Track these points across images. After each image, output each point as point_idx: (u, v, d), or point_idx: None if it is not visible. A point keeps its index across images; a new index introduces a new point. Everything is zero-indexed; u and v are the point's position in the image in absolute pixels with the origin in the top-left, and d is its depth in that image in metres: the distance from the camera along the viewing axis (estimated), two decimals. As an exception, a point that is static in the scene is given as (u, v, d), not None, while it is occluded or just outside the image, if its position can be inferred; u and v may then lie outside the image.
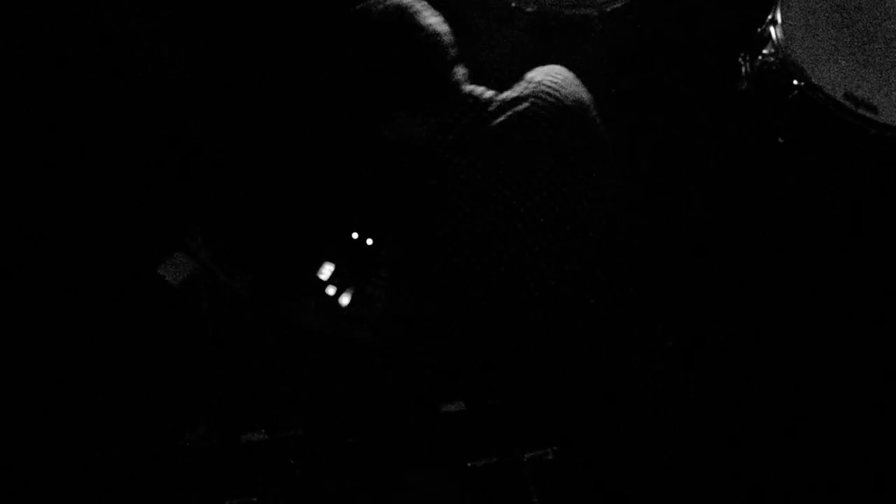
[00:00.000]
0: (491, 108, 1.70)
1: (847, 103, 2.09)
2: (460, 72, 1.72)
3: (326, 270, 2.36)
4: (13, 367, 2.34)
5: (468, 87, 1.72)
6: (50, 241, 2.52)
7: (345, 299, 2.26)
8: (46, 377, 2.33)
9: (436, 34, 1.67)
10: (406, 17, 1.66)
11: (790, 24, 2.17)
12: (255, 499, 1.68)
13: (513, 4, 2.22)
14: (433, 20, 1.68)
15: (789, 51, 2.13)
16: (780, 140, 2.26)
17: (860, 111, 2.08)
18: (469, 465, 1.67)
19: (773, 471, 2.23)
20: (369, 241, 2.37)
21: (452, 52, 1.70)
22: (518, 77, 1.83)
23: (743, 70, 2.32)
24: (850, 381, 2.37)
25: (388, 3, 1.68)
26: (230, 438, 1.89)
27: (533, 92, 1.74)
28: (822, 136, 2.17)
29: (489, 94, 1.73)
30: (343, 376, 2.31)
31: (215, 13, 2.74)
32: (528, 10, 2.20)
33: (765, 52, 2.19)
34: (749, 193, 2.58)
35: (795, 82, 2.10)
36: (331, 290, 2.32)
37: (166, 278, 2.45)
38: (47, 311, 2.44)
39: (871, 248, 2.49)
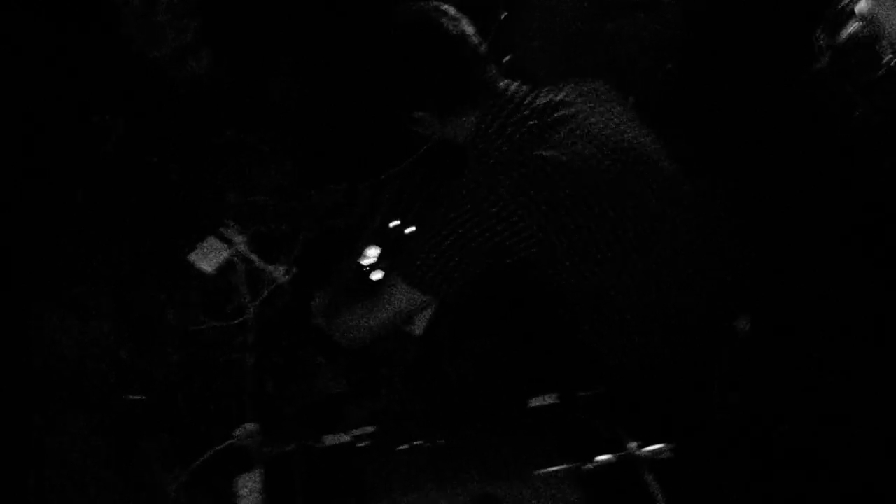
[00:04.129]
0: (527, 102, 1.70)
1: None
2: (492, 69, 1.73)
3: (371, 254, 2.25)
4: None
5: (503, 83, 1.73)
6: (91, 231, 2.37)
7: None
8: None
9: (460, 36, 1.67)
10: (430, 20, 1.67)
11: (881, -1, 2.08)
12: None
13: (582, -22, 2.10)
14: (457, 22, 1.68)
15: (880, 25, 2.04)
16: (856, 114, 2.18)
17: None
18: (583, 468, 1.58)
19: (772, 471, 2.18)
20: (408, 230, 2.27)
21: (481, 50, 1.71)
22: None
23: (819, 46, 2.24)
24: (851, 381, 2.31)
25: (412, 7, 1.70)
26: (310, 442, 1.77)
27: (573, 91, 1.74)
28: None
29: (524, 88, 1.74)
30: (402, 366, 2.22)
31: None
32: (602, -13, 2.09)
33: (851, 27, 2.11)
34: (749, 193, 2.50)
35: (887, 59, 2.02)
36: (376, 276, 2.22)
37: (199, 265, 2.31)
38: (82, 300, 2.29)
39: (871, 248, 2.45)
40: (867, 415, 2.20)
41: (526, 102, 1.69)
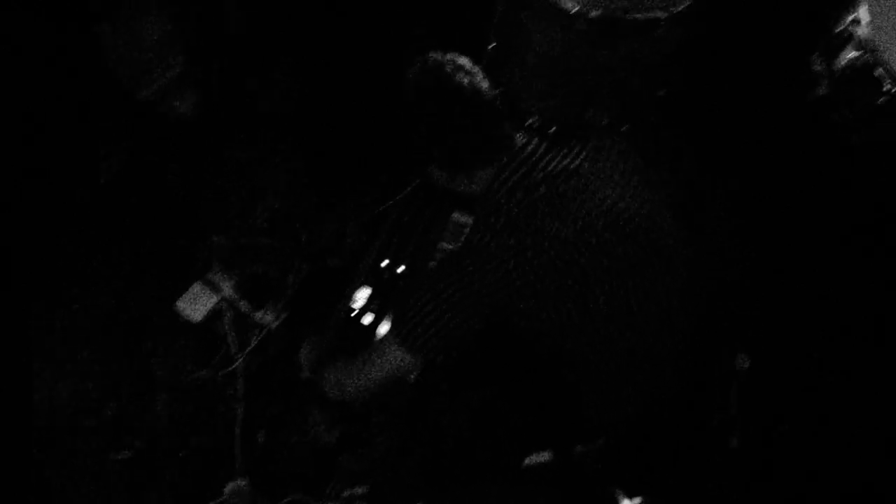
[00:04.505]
0: (541, 165, 1.62)
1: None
2: (507, 125, 1.64)
3: (361, 296, 2.18)
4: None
5: (519, 140, 1.65)
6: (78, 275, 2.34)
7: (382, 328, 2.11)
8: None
9: (475, 91, 1.57)
10: (446, 74, 1.56)
11: (879, 25, 1.99)
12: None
13: (573, 11, 2.01)
14: (473, 77, 1.58)
15: (880, 53, 1.96)
16: (853, 139, 2.12)
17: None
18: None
19: (772, 471, 2.15)
20: (400, 269, 2.20)
21: (496, 105, 1.60)
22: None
23: (816, 72, 2.16)
24: (851, 381, 2.29)
25: (427, 59, 1.59)
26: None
27: (586, 159, 1.66)
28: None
29: (542, 147, 1.65)
30: (396, 414, 2.15)
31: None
32: (592, 15, 2.00)
33: (851, 54, 2.03)
34: (751, 194, 2.52)
35: (888, 87, 1.94)
36: (367, 319, 2.15)
37: (186, 313, 2.24)
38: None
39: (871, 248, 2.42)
40: (867, 415, 2.18)
41: (540, 166, 1.62)
